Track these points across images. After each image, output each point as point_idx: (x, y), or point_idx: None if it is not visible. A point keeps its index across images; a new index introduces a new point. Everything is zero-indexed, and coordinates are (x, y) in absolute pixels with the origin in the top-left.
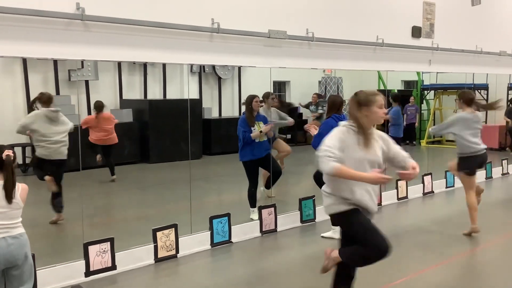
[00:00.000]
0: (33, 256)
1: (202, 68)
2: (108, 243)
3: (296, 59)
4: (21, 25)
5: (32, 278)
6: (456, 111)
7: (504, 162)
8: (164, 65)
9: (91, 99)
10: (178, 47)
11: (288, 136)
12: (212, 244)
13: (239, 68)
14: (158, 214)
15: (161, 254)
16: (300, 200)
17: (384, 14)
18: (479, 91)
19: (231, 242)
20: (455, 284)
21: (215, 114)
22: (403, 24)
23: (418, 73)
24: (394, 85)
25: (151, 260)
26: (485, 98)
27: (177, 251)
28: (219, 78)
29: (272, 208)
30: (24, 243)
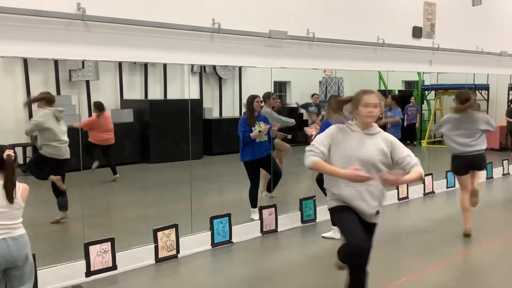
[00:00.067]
0: (33, 256)
1: (202, 68)
2: (109, 243)
3: (297, 59)
4: (21, 25)
5: (32, 278)
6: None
7: (505, 162)
8: (164, 65)
9: (92, 99)
10: (178, 47)
11: (289, 136)
12: (213, 244)
13: (240, 68)
14: (158, 214)
15: (161, 254)
16: (301, 200)
17: (384, 14)
18: (480, 91)
19: (232, 242)
20: (455, 284)
21: (215, 114)
22: (404, 24)
23: (419, 73)
24: (395, 85)
25: (152, 260)
26: (486, 99)
27: (177, 251)
28: (220, 78)
29: (273, 208)
30: (25, 244)
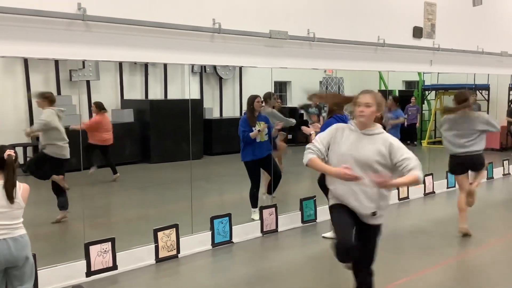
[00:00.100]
0: (34, 256)
1: (203, 68)
2: (109, 243)
3: (297, 60)
4: (22, 25)
5: (32, 278)
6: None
7: (505, 162)
8: (165, 65)
9: (92, 99)
10: (179, 47)
11: (289, 136)
12: (213, 244)
13: (240, 68)
14: (159, 214)
15: (162, 254)
16: (301, 200)
17: (385, 14)
18: (481, 91)
19: (232, 242)
20: (455, 284)
21: (216, 114)
22: (404, 25)
23: (419, 73)
24: (395, 85)
25: (152, 260)
26: (486, 99)
27: (178, 251)
28: (220, 78)
29: (273, 209)
30: (25, 245)
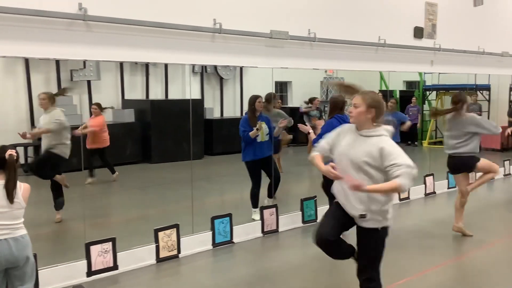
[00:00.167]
0: (34, 256)
1: (204, 68)
2: (110, 243)
3: (298, 60)
4: (23, 25)
5: (33, 278)
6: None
7: (506, 163)
8: (166, 65)
9: (93, 99)
10: (180, 47)
11: (290, 136)
12: (214, 244)
13: (241, 68)
14: (159, 214)
15: (162, 254)
16: (302, 200)
17: (386, 14)
18: (481, 91)
19: (233, 242)
20: (456, 284)
21: (217, 115)
22: (405, 25)
23: (420, 73)
24: (396, 85)
25: (153, 260)
26: (487, 99)
27: (178, 251)
28: (221, 79)
29: (274, 209)
30: (26, 245)
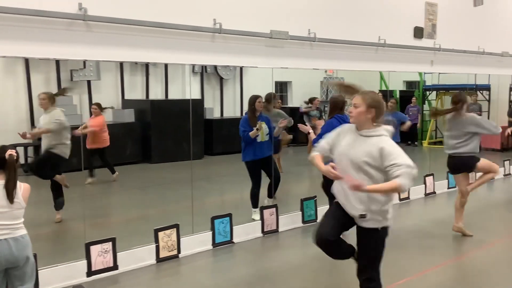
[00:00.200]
0: (34, 256)
1: (204, 68)
2: (110, 243)
3: (298, 60)
4: (23, 25)
5: (33, 278)
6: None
7: (506, 163)
8: (166, 65)
9: (93, 99)
10: (180, 47)
11: (290, 136)
12: (214, 244)
13: (241, 68)
14: (159, 214)
15: (162, 254)
16: (302, 200)
17: (386, 14)
18: (481, 92)
19: (233, 242)
20: (456, 284)
21: (217, 115)
22: (405, 25)
23: (420, 73)
24: (396, 85)
25: (153, 260)
26: (487, 99)
27: (178, 251)
28: (221, 79)
29: (274, 209)
30: (26, 245)
